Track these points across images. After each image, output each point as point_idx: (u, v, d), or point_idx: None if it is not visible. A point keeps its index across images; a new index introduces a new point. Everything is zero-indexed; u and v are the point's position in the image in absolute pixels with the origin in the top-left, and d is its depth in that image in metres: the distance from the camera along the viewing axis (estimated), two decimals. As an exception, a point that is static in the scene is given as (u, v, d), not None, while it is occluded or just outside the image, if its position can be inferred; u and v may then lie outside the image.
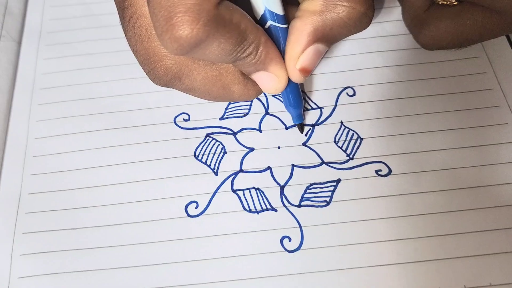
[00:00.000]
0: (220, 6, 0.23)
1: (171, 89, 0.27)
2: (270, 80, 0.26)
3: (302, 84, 0.33)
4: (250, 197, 0.29)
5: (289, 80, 0.27)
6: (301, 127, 0.31)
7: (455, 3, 0.30)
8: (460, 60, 0.33)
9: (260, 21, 0.26)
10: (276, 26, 0.26)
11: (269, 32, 0.26)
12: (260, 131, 0.32)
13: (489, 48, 0.33)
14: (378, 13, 0.35)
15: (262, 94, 0.33)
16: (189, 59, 0.26)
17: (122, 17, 0.26)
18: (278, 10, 0.26)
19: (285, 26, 0.26)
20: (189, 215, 0.29)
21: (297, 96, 0.29)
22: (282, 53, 0.26)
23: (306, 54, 0.26)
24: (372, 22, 0.34)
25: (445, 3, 0.30)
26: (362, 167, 0.30)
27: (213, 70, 0.27)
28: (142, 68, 0.27)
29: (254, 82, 0.27)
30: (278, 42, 0.26)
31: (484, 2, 0.27)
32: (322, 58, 0.33)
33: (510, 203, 0.28)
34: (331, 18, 0.25)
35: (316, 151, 0.31)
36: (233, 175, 0.30)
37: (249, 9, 0.26)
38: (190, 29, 0.21)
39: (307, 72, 0.26)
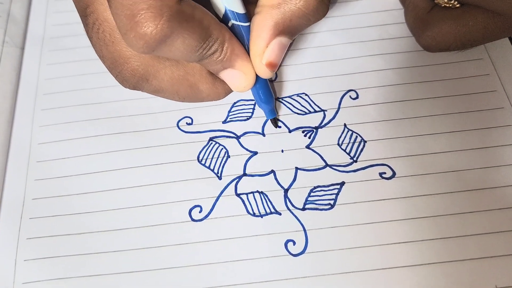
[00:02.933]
0: (182, 2, 0.23)
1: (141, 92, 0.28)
2: (238, 77, 0.27)
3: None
4: (254, 201, 0.29)
5: (257, 76, 0.27)
6: (274, 121, 0.31)
7: (457, 5, 0.30)
8: (463, 62, 0.33)
9: (223, 21, 0.26)
10: (239, 24, 0.26)
11: (232, 31, 0.26)
12: (263, 134, 0.32)
13: (492, 50, 0.33)
14: (380, 16, 0.35)
15: (265, 98, 0.33)
16: (155, 60, 0.26)
17: (86, 24, 0.26)
18: (239, 9, 0.26)
19: (247, 24, 0.27)
20: (193, 220, 0.29)
21: (267, 91, 0.30)
22: (247, 51, 0.27)
23: (270, 49, 0.26)
24: (374, 25, 0.35)
25: (448, 5, 0.30)
26: (366, 169, 0.30)
27: (179, 70, 0.27)
28: (111, 73, 0.27)
29: (223, 80, 0.28)
30: (242, 41, 0.27)
31: (486, 4, 0.27)
32: (322, 60, 0.34)
33: (515, 205, 0.28)
34: (289, 9, 0.25)
35: (320, 154, 0.31)
36: (237, 179, 0.30)
37: (211, 10, 0.26)
38: (154, 25, 0.22)
39: (274, 67, 0.27)
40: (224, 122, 0.32)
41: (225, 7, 0.26)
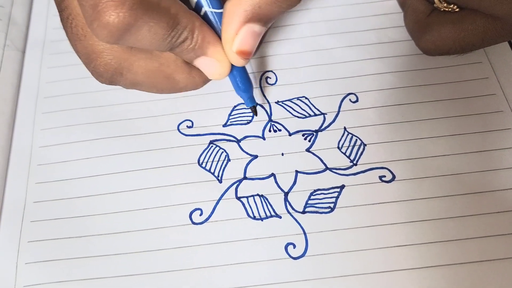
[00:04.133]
0: None
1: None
2: (212, 65, 0.27)
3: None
4: (254, 204, 0.29)
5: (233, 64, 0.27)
6: (254, 109, 0.31)
7: (457, 9, 0.30)
8: (462, 65, 0.33)
9: (196, 8, 0.26)
10: (212, 11, 0.26)
11: (206, 18, 0.26)
12: (264, 138, 0.32)
13: (491, 53, 0.33)
14: (379, 20, 0.35)
15: (266, 102, 0.33)
16: (128, 53, 0.26)
17: (62, 19, 0.26)
18: None
19: (220, 10, 0.26)
20: (193, 223, 0.29)
21: (245, 79, 0.29)
22: (221, 38, 0.26)
23: (240, 36, 0.25)
24: (374, 28, 0.35)
25: (447, 9, 0.30)
26: (366, 173, 0.30)
27: (154, 62, 0.27)
28: (86, 68, 0.27)
29: (199, 69, 0.27)
30: (216, 28, 0.26)
31: (485, 9, 0.28)
32: (322, 64, 0.34)
33: (514, 208, 0.28)
34: None
35: (320, 157, 0.31)
36: (237, 183, 0.30)
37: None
38: (116, 14, 0.22)
39: (246, 54, 0.26)
40: (225, 125, 0.32)
41: None
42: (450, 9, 0.30)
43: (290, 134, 0.32)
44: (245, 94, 0.30)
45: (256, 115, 0.32)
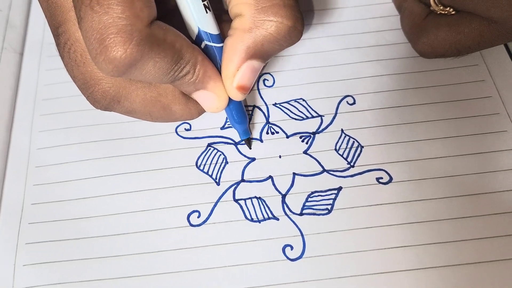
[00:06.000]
0: (153, 26, 0.23)
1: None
2: (211, 99, 0.27)
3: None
4: (252, 206, 0.30)
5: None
6: (248, 142, 0.31)
7: (453, 12, 0.30)
8: (458, 68, 0.33)
9: (196, 41, 0.26)
10: (212, 45, 0.26)
11: (205, 51, 0.26)
12: (261, 140, 0.32)
13: (487, 56, 0.33)
14: (376, 22, 0.35)
15: (263, 104, 0.33)
16: (127, 81, 0.26)
17: (57, 44, 0.26)
18: (212, 29, 0.26)
19: (220, 45, 0.26)
20: (191, 225, 0.29)
21: (241, 112, 0.30)
22: (220, 72, 0.27)
23: (241, 72, 0.26)
24: (371, 31, 0.35)
25: (443, 12, 0.30)
26: (363, 174, 0.30)
27: (152, 91, 0.27)
28: (82, 94, 0.27)
29: (196, 101, 0.27)
30: (215, 62, 0.27)
31: (481, 12, 0.28)
32: (320, 66, 0.34)
33: (510, 210, 0.28)
34: (261, 34, 0.25)
35: (317, 159, 0.31)
36: (235, 185, 0.30)
37: (185, 30, 0.26)
38: (123, 50, 0.22)
39: (245, 90, 0.27)
40: (222, 128, 0.32)
41: (198, 28, 0.26)
42: (446, 12, 0.30)
43: (287, 136, 0.32)
44: (240, 126, 0.30)
45: (250, 148, 0.32)
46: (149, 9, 0.23)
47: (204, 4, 0.25)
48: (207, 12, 0.26)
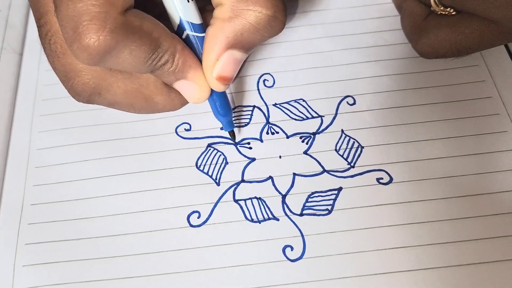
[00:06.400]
0: (128, 13, 0.23)
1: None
2: (192, 89, 0.27)
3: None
4: (252, 207, 0.30)
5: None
6: (232, 134, 0.31)
7: (453, 13, 0.30)
8: (459, 68, 0.33)
9: (178, 31, 0.26)
10: (194, 35, 0.26)
11: (188, 41, 0.26)
12: (261, 140, 0.32)
13: (487, 56, 0.33)
14: (376, 23, 0.35)
15: (263, 104, 0.33)
16: (107, 73, 0.26)
17: (40, 35, 0.26)
18: (194, 19, 0.26)
19: (203, 35, 0.26)
20: (191, 225, 0.29)
21: (224, 103, 0.29)
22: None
23: (221, 62, 0.26)
24: (371, 31, 0.35)
25: (444, 12, 0.30)
26: (363, 175, 0.30)
27: (133, 83, 0.26)
28: (64, 86, 0.26)
29: (178, 92, 0.27)
30: (198, 52, 0.26)
31: (482, 12, 0.28)
32: (320, 66, 0.34)
33: (511, 211, 0.28)
34: (240, 23, 0.25)
35: (317, 159, 0.31)
36: (235, 185, 0.30)
37: (167, 20, 0.26)
38: (96, 37, 0.22)
39: (226, 80, 0.26)
40: (222, 128, 0.32)
41: (180, 17, 0.25)
42: (446, 13, 0.30)
43: (287, 137, 0.32)
44: (224, 119, 0.30)
45: (235, 140, 0.32)
46: None
47: None
48: (188, 1, 0.25)
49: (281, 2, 0.25)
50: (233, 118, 0.32)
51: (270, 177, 0.30)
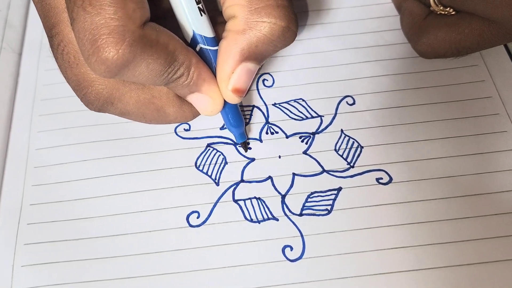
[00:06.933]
0: (146, 27, 0.23)
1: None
2: (206, 102, 0.27)
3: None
4: (252, 207, 0.30)
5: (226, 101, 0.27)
6: (244, 145, 0.31)
7: (453, 12, 0.30)
8: (458, 68, 0.33)
9: (191, 45, 0.26)
10: (207, 48, 0.26)
11: (200, 55, 0.26)
12: (261, 140, 0.32)
13: (487, 56, 0.33)
14: (376, 22, 0.35)
15: (263, 104, 0.33)
16: (120, 83, 0.26)
17: (51, 45, 0.26)
18: (207, 32, 0.26)
19: (215, 48, 0.26)
20: (190, 225, 0.29)
21: (237, 115, 0.29)
22: (215, 75, 0.27)
23: (236, 75, 0.26)
24: (370, 31, 0.35)
25: (443, 12, 0.30)
26: (363, 175, 0.30)
27: (145, 93, 0.26)
28: (76, 95, 0.26)
29: (190, 104, 0.27)
30: (211, 65, 0.26)
31: (481, 12, 0.28)
32: (319, 66, 0.34)
33: (510, 211, 0.28)
34: (255, 36, 0.25)
35: (317, 159, 0.31)
36: (234, 185, 0.30)
37: (179, 33, 0.26)
38: (116, 50, 0.22)
39: (241, 92, 0.26)
40: (222, 128, 0.32)
41: (193, 31, 0.26)
42: (446, 12, 0.30)
43: (287, 137, 0.32)
44: (236, 130, 0.30)
45: (246, 151, 0.31)
46: (142, 10, 0.23)
47: (199, 7, 0.25)
48: (201, 15, 0.26)
49: (293, 13, 0.25)
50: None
51: (270, 177, 0.30)
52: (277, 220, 0.29)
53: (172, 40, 0.24)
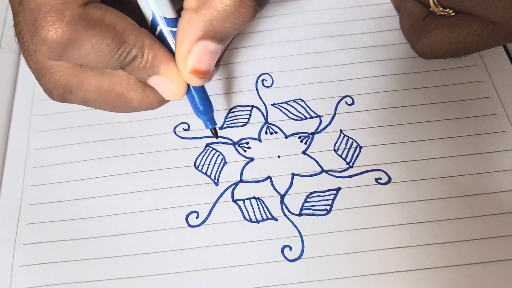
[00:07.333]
0: (89, 6, 0.22)
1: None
2: (166, 84, 0.26)
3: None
4: (251, 207, 0.30)
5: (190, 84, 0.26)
6: (215, 132, 0.30)
7: (452, 13, 0.30)
8: (457, 68, 0.33)
9: (152, 26, 0.25)
10: (168, 30, 0.25)
11: (161, 37, 0.25)
12: (260, 140, 0.32)
13: (486, 56, 0.33)
14: (375, 23, 0.35)
15: (262, 104, 0.33)
16: (77, 70, 0.25)
17: (15, 33, 0.26)
18: (168, 13, 0.25)
19: (176, 29, 0.26)
20: (189, 225, 0.29)
21: (204, 100, 0.28)
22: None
23: (194, 54, 0.25)
24: (370, 31, 0.35)
25: (443, 13, 0.30)
26: (362, 175, 0.30)
27: (105, 80, 0.26)
28: (39, 84, 0.26)
29: (153, 88, 0.26)
30: (173, 48, 0.26)
31: (481, 13, 0.28)
32: (318, 66, 0.34)
33: (509, 211, 0.28)
34: (208, 13, 0.24)
35: (316, 159, 0.31)
36: (234, 185, 0.30)
37: (137, 15, 0.25)
38: (54, 29, 0.21)
39: (201, 73, 0.25)
40: (221, 128, 0.32)
41: (153, 12, 0.25)
42: (445, 13, 0.30)
43: (286, 137, 0.32)
44: (204, 117, 0.29)
45: (217, 138, 0.31)
46: None
47: None
48: None
49: None
50: (230, 118, 0.32)
51: (269, 177, 0.30)
52: (276, 220, 0.29)
53: (120, 21, 0.23)
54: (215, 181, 0.31)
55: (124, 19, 0.24)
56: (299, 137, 0.32)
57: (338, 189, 0.30)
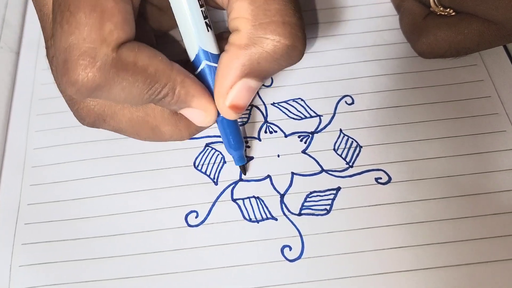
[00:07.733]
0: (122, 49, 0.22)
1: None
2: (198, 114, 0.26)
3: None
4: (250, 206, 0.29)
5: (225, 118, 0.26)
6: (243, 169, 0.31)
7: (453, 13, 0.30)
8: (457, 68, 0.33)
9: (195, 61, 0.25)
10: (212, 65, 0.25)
11: (203, 72, 0.25)
12: (259, 139, 0.32)
13: (486, 56, 0.33)
14: (375, 22, 0.35)
15: (261, 103, 0.33)
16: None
17: (47, 55, 0.26)
18: (212, 49, 0.25)
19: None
20: (189, 225, 0.29)
21: (237, 136, 0.28)
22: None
23: (235, 90, 0.24)
24: (370, 31, 0.35)
25: (443, 13, 0.30)
26: (361, 175, 0.30)
27: (139, 112, 0.26)
28: (70, 109, 0.26)
29: (186, 123, 0.26)
30: (211, 81, 0.26)
31: (481, 13, 0.28)
32: (318, 66, 0.34)
33: (509, 210, 0.28)
34: (257, 52, 0.23)
35: (316, 158, 0.31)
36: (233, 184, 0.30)
37: (177, 48, 0.25)
38: (85, 74, 0.21)
39: (239, 109, 0.25)
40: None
41: (199, 47, 0.25)
42: (446, 13, 0.30)
43: (286, 136, 0.32)
44: (236, 153, 0.29)
45: (245, 174, 0.31)
46: (120, 32, 0.22)
47: (205, 22, 0.25)
48: (208, 31, 0.25)
49: (300, 31, 0.24)
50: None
51: (269, 176, 0.30)
52: (276, 219, 0.29)
53: (153, 61, 0.23)
54: (215, 180, 0.30)
55: (156, 58, 0.23)
56: (299, 136, 0.32)
57: (338, 188, 0.30)
